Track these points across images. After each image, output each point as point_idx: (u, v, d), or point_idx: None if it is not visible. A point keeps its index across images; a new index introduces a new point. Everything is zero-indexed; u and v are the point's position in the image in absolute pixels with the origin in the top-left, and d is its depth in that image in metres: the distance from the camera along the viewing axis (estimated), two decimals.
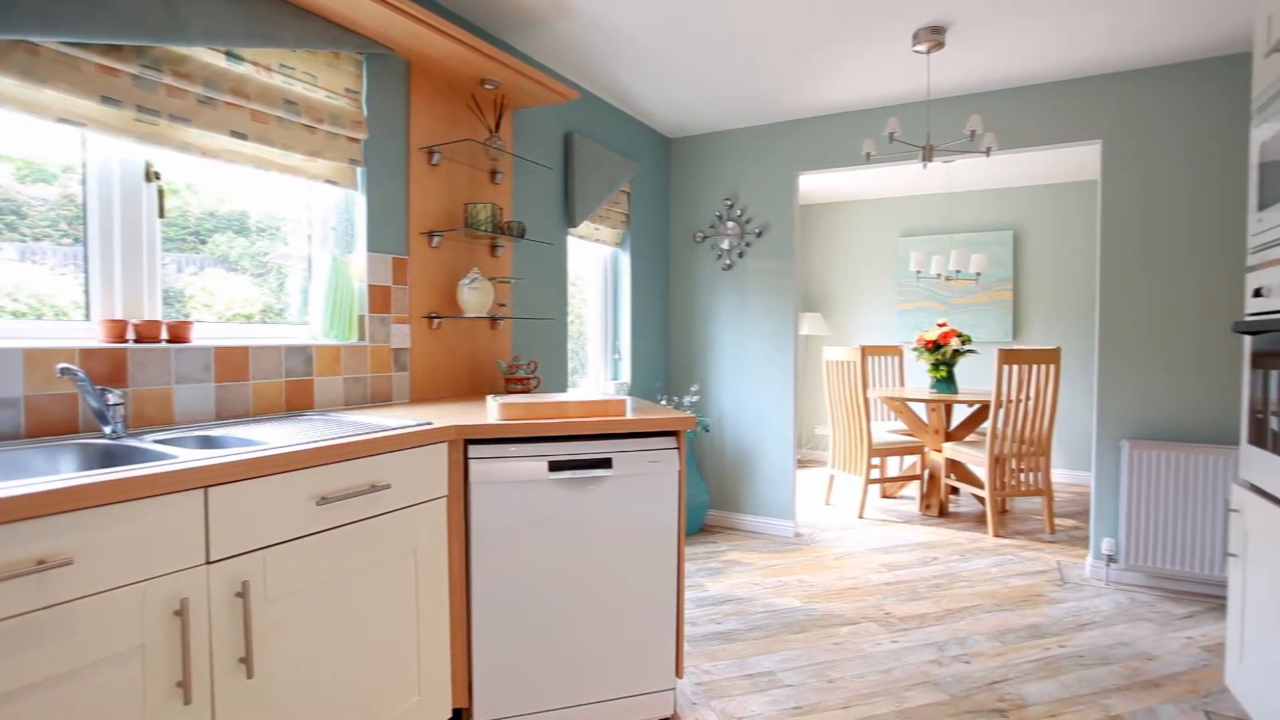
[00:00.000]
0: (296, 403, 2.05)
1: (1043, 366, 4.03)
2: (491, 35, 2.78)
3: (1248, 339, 2.03)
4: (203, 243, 2.00)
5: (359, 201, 2.29)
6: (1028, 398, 4.02)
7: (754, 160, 4.03)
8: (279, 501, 1.36)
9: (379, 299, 2.33)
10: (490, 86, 2.56)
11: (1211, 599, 3.06)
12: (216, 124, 1.82)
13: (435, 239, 2.51)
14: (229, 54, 1.84)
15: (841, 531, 4.14)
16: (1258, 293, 1.97)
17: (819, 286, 6.46)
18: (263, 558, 1.33)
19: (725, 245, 4.09)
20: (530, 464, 1.87)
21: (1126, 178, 3.22)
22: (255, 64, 1.90)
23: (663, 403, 4.15)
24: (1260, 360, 1.93)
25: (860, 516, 4.44)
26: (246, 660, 1.29)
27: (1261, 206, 1.96)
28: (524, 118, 3.00)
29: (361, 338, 2.29)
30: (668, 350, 4.34)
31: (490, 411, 1.99)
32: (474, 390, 2.74)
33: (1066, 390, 5.49)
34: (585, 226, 3.52)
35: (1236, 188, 3.04)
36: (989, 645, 2.62)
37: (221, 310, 2.05)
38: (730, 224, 4.07)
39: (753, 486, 4.11)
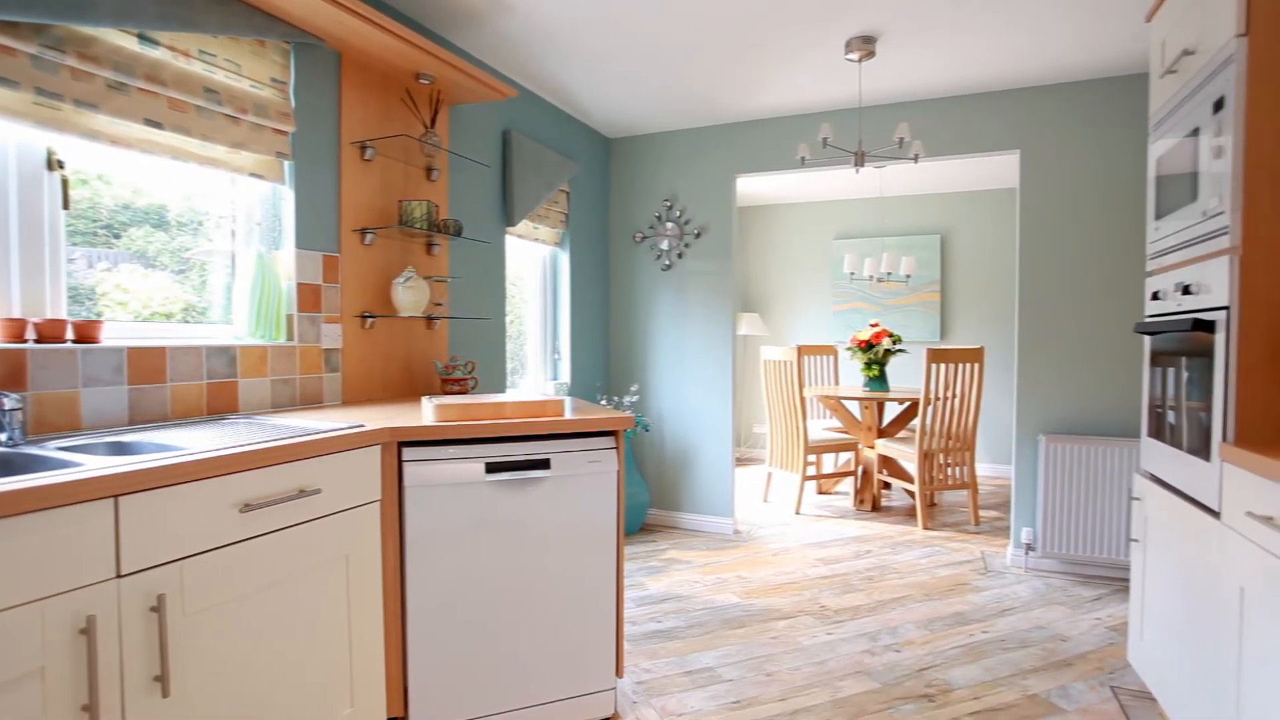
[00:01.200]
0: (219, 406, 1.96)
1: (968, 365, 4.21)
2: (427, 29, 2.72)
3: (1147, 339, 2.18)
4: (116, 237, 1.88)
5: (287, 196, 2.20)
6: (954, 395, 4.20)
7: (693, 162, 4.08)
8: (198, 510, 1.30)
9: (308, 298, 2.24)
10: (426, 81, 2.50)
11: (1118, 582, 3.27)
12: (128, 111, 1.72)
13: (368, 236, 2.44)
14: (142, 37, 1.74)
15: (779, 528, 4.22)
16: (1155, 296, 2.11)
17: (757, 287, 6.58)
18: (180, 570, 1.27)
19: (664, 246, 4.12)
20: (467, 466, 1.84)
21: (1042, 186, 3.40)
22: (172, 49, 1.81)
23: (603, 403, 4.15)
24: (1158, 359, 2.07)
25: (797, 512, 4.54)
26: (162, 678, 1.23)
27: (1158, 216, 2.10)
28: (461, 114, 2.95)
29: (290, 338, 2.20)
30: (607, 350, 4.34)
31: (425, 413, 1.95)
32: (410, 392, 2.68)
33: (990, 388, 5.76)
34: (524, 226, 3.48)
35: (1142, 197, 3.25)
36: (918, 634, 2.72)
37: (138, 309, 1.93)
38: (669, 225, 4.10)
39: (692, 485, 4.16)
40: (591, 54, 3.01)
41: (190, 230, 2.07)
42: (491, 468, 1.86)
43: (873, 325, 4.72)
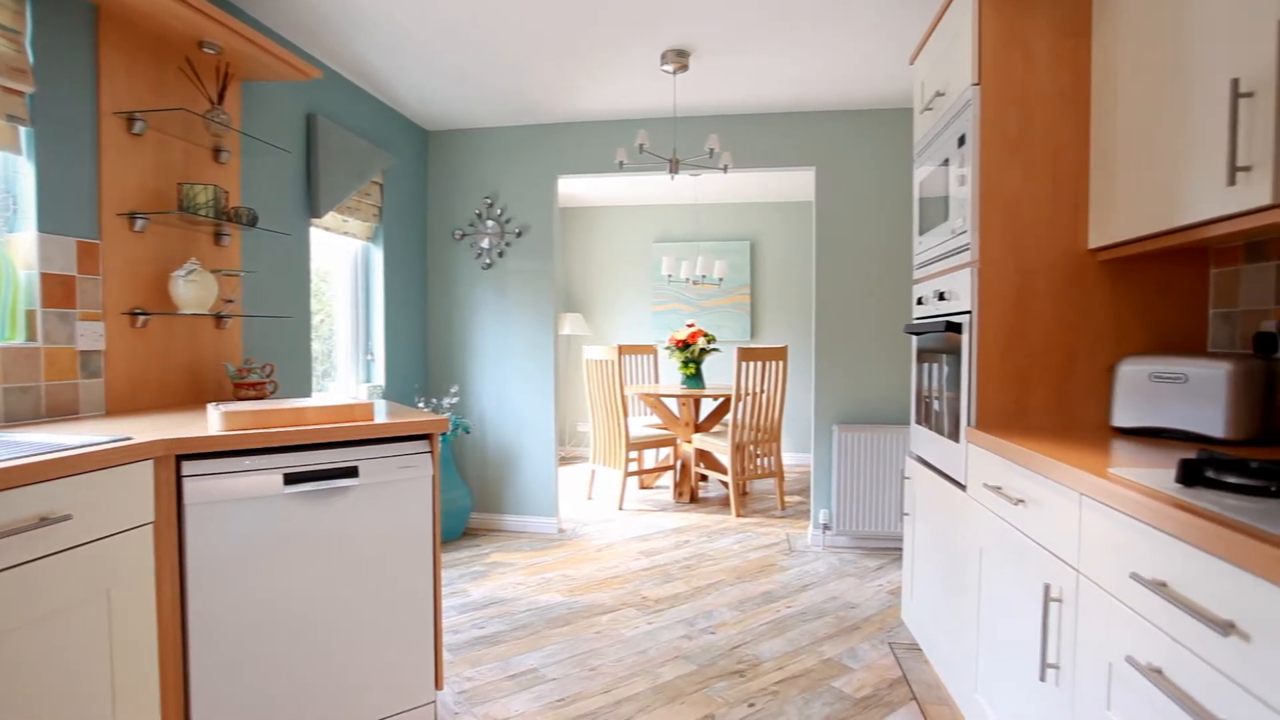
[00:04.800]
0: None
1: (774, 363, 4.57)
2: None
3: (914, 338, 2.51)
4: None
5: (25, 170, 1.86)
6: (762, 390, 4.54)
7: (515, 160, 4.03)
8: None
9: (57, 291, 1.91)
10: (211, 51, 2.24)
11: (896, 551, 3.73)
12: None
13: (139, 222, 2.13)
14: None
15: (603, 524, 4.31)
16: (919, 301, 2.44)
17: (580, 288, 6.66)
18: None
19: (485, 244, 4.03)
20: (261, 478, 1.67)
21: (834, 200, 3.78)
22: None
23: (421, 405, 3.97)
24: (923, 356, 2.40)
25: (620, 508, 4.66)
26: None
27: (921, 232, 2.42)
28: (257, 92, 2.67)
29: (31, 337, 1.86)
30: (426, 351, 4.16)
31: (212, 422, 1.75)
32: (195, 398, 2.38)
33: (793, 383, 6.30)
34: (331, 218, 3.24)
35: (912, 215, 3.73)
36: (731, 615, 2.91)
37: None
38: (490, 223, 4.03)
39: (516, 486, 4.11)
40: (406, 40, 2.87)
41: None
42: (291, 479, 1.71)
43: (689, 325, 4.97)
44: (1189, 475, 1.10)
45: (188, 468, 1.60)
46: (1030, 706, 1.49)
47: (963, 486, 1.94)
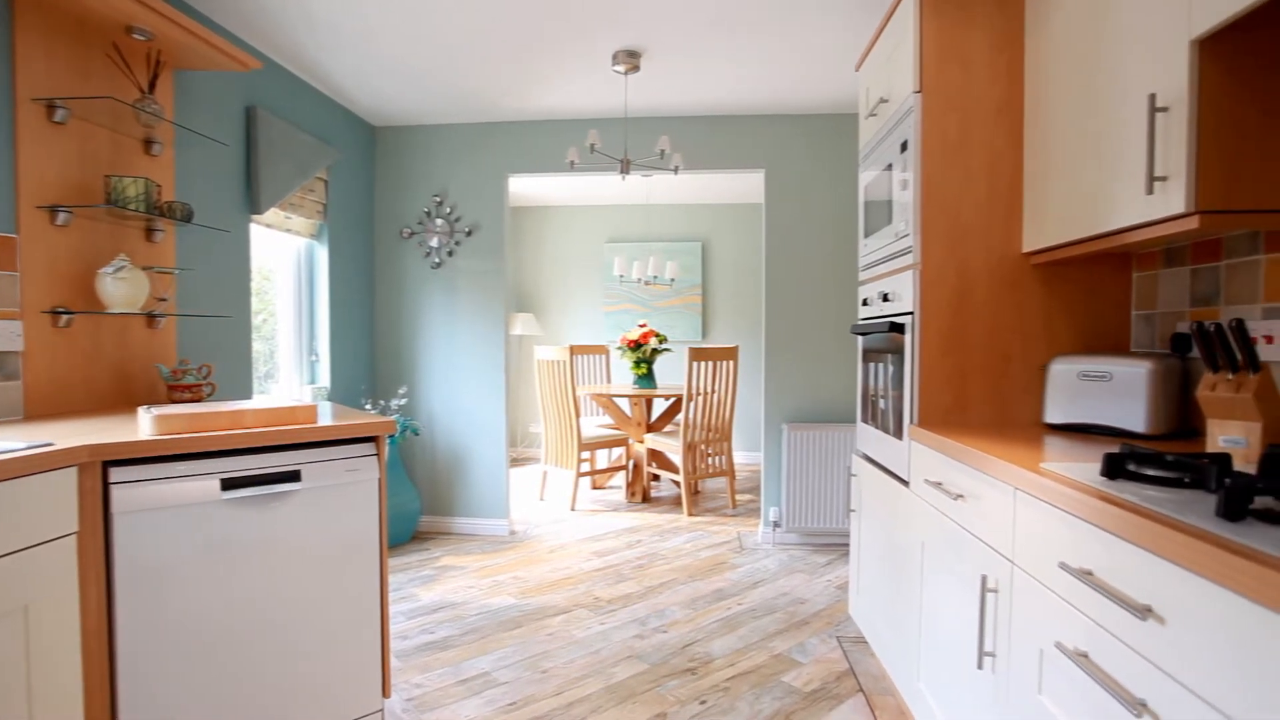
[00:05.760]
0: None
1: (725, 363, 4.62)
2: None
3: (860, 339, 2.57)
4: None
5: None
6: (713, 390, 4.58)
7: (465, 158, 3.98)
8: None
9: None
10: (141, 37, 2.14)
11: (844, 547, 3.81)
12: None
13: (62, 215, 2.02)
14: None
15: (555, 525, 4.28)
16: (865, 302, 2.51)
17: (531, 287, 6.61)
18: None
19: (434, 243, 3.97)
20: (197, 484, 1.61)
21: (784, 203, 3.85)
22: None
23: (368, 407, 3.88)
24: (869, 355, 2.46)
25: (573, 509, 4.64)
26: None
27: (866, 235, 2.49)
28: (192, 82, 2.57)
29: None
30: (373, 351, 4.07)
31: (143, 426, 1.67)
32: (126, 402, 2.27)
33: (744, 382, 6.38)
34: (274, 215, 3.14)
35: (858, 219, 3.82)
36: (683, 614, 2.93)
37: None
38: (440, 221, 3.96)
39: (466, 488, 4.06)
40: (351, 33, 2.80)
41: None
42: (229, 484, 1.65)
43: (641, 326, 4.98)
44: (1112, 469, 1.15)
45: (115, 474, 1.52)
46: (969, 694, 1.54)
47: (906, 483, 2.00)
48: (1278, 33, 1.26)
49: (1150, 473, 1.13)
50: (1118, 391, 1.67)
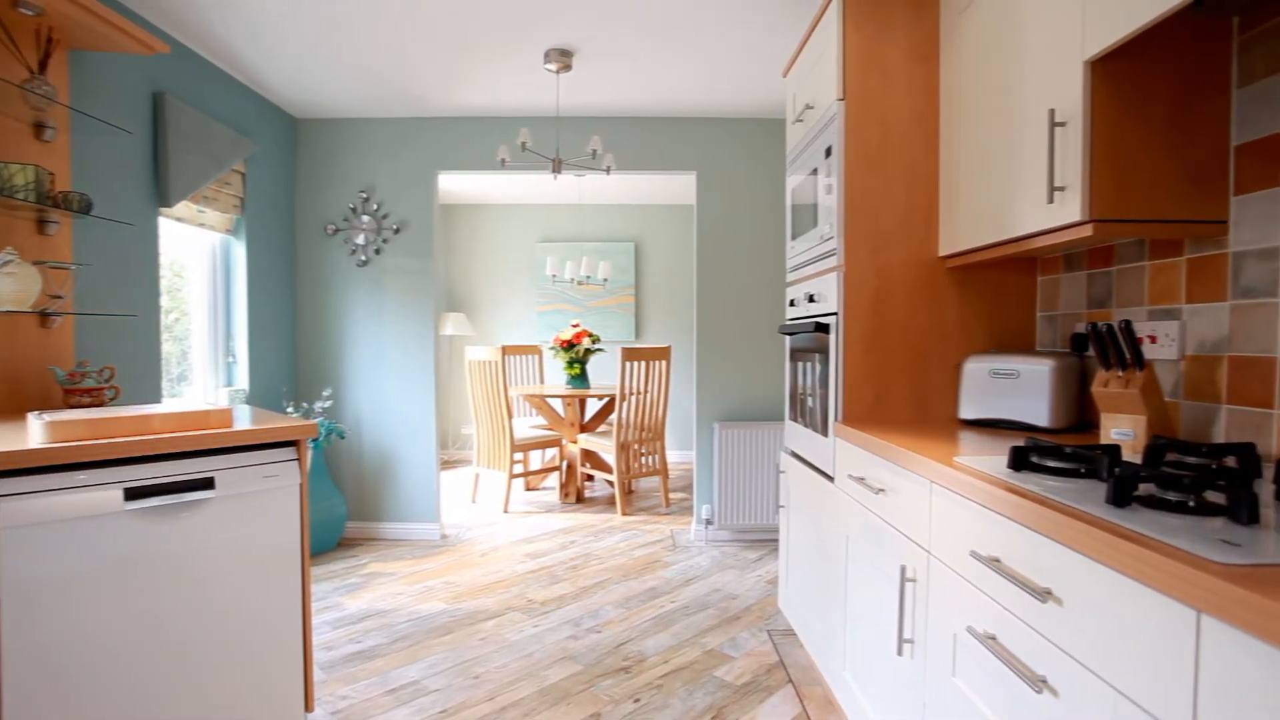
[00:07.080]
0: None
1: (658, 363, 4.66)
2: None
3: (787, 339, 2.64)
4: None
5: None
6: (646, 390, 4.61)
7: (393, 153, 3.87)
8: None
9: None
10: (29, 13, 1.99)
11: (774, 543, 3.90)
12: None
13: None
14: None
15: (488, 527, 4.22)
16: (792, 303, 2.57)
17: (462, 287, 6.49)
18: None
19: (361, 240, 3.85)
20: (96, 495, 1.51)
21: (715, 205, 3.91)
22: None
23: (290, 410, 3.73)
24: (796, 355, 2.53)
25: (506, 511, 4.59)
26: None
27: (793, 237, 2.56)
28: (91, 64, 2.40)
29: None
30: (295, 352, 3.91)
31: (32, 433, 1.55)
32: (15, 407, 2.11)
33: (676, 382, 6.44)
34: (184, 208, 2.97)
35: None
36: (617, 613, 2.94)
37: None
38: (366, 218, 3.85)
39: (395, 492, 3.95)
40: (269, 18, 2.68)
41: None
42: (133, 494, 1.56)
43: (574, 326, 4.97)
44: (1017, 461, 1.23)
45: (1, 486, 1.41)
46: (890, 679, 1.61)
47: (831, 479, 2.07)
48: (1162, 57, 1.36)
49: (1051, 464, 1.21)
50: (1024, 388, 1.77)
